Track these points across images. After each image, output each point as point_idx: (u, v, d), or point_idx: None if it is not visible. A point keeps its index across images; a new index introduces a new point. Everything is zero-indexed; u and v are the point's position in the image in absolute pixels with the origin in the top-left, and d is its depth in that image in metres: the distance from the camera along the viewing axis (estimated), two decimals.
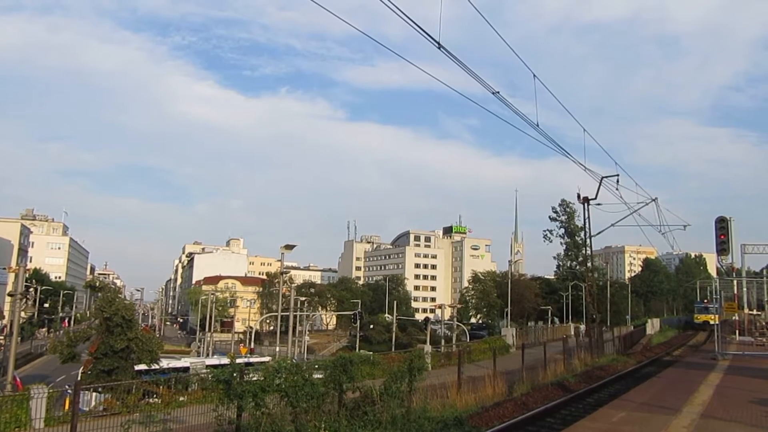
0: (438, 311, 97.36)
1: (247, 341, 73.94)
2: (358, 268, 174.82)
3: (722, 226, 25.79)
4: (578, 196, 35.47)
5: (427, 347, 37.76)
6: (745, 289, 45.59)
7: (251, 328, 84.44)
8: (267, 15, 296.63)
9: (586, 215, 36.05)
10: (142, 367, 27.75)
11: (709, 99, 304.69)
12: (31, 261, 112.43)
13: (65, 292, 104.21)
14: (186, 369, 34.48)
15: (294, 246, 41.16)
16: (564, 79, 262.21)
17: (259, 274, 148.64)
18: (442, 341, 61.05)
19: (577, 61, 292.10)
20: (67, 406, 17.97)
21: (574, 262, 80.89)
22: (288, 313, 50.70)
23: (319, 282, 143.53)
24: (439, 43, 9.67)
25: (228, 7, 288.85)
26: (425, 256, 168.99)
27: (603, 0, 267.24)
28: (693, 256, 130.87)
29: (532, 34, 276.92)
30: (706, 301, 66.05)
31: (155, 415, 13.17)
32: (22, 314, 41.69)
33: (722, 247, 25.99)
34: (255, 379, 10.84)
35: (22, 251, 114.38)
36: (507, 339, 43.32)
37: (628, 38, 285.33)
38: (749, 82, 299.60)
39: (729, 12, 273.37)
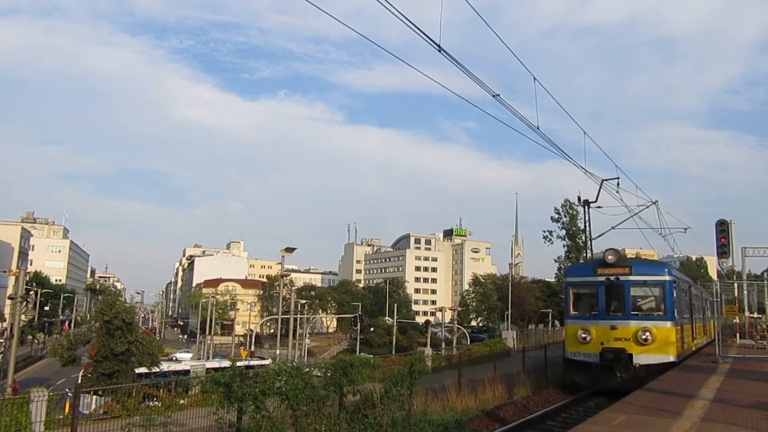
0: (438, 314, 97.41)
1: (248, 344, 73.92)
2: (358, 271, 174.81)
3: (723, 228, 25.78)
4: (579, 198, 35.45)
5: (428, 350, 37.74)
6: (745, 292, 45.44)
7: (251, 331, 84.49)
8: (264, 19, 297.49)
9: (587, 218, 36.00)
10: (143, 370, 27.79)
11: (706, 102, 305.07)
12: (31, 264, 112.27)
13: (65, 295, 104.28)
14: (186, 372, 34.52)
15: (294, 249, 41.17)
16: (561, 82, 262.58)
17: (260, 277, 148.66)
18: (443, 344, 61.10)
19: (574, 64, 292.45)
20: (67, 410, 17.95)
21: None
22: (288, 316, 50.69)
23: (319, 285, 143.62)
24: (439, 46, 9.68)
25: (225, 11, 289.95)
26: (426, 258, 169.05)
27: (599, 3, 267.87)
28: (694, 258, 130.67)
29: (527, 37, 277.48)
30: (607, 259, 18.63)
31: (155, 419, 13.18)
32: (23, 317, 41.68)
33: (723, 250, 25.97)
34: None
35: (23, 254, 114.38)
36: (507, 342, 43.22)
37: (625, 41, 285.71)
38: (746, 85, 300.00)
39: (726, 15, 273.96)
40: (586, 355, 18.19)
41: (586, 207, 34.68)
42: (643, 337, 17.33)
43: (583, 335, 18.22)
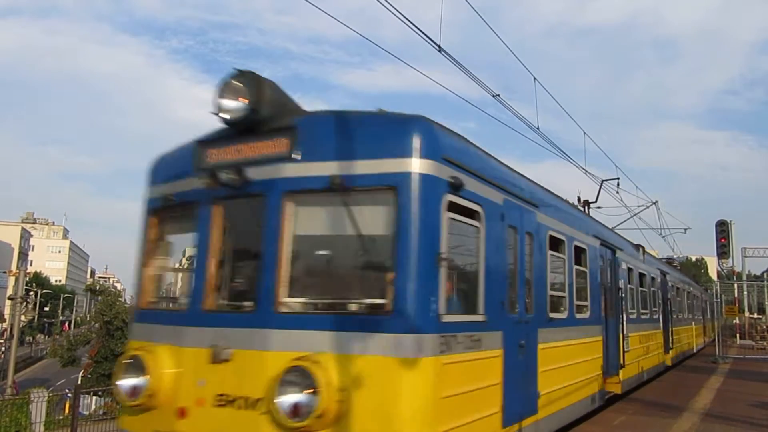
0: None
1: None
2: None
3: (723, 229, 25.81)
4: (579, 199, 35.42)
5: None
6: (745, 293, 45.49)
7: None
8: (263, 19, 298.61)
9: None
10: None
11: (706, 102, 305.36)
12: (31, 264, 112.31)
13: (65, 295, 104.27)
14: None
15: None
16: (561, 82, 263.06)
17: None
18: None
19: (575, 64, 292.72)
20: (67, 410, 17.97)
21: None
22: None
23: None
24: (439, 47, 9.68)
25: (224, 11, 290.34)
26: None
27: (599, 3, 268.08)
28: (694, 259, 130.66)
29: (527, 37, 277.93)
30: (222, 106, 5.26)
31: None
32: (23, 318, 41.68)
33: (723, 251, 26.00)
34: None
35: (23, 255, 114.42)
36: None
37: (625, 42, 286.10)
38: (746, 86, 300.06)
39: (725, 16, 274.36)
40: None
41: (586, 207, 34.67)
42: (290, 403, 4.26)
43: (131, 383, 5.09)
